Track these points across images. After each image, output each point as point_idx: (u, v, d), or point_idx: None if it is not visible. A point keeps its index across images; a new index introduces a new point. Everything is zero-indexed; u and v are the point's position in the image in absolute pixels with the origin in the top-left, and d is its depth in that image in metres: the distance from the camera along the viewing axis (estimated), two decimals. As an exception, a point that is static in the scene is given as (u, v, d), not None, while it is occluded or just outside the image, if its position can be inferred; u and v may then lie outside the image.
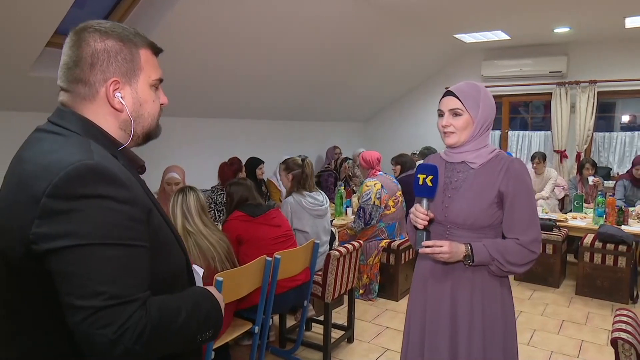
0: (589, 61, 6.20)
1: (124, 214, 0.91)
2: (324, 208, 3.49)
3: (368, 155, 4.20)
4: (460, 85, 1.69)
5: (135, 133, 1.07)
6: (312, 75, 5.40)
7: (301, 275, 2.93)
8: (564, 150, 6.38)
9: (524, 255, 1.62)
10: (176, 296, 1.00)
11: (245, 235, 2.79)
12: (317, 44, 4.77)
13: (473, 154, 1.69)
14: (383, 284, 4.24)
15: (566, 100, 6.27)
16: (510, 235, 1.65)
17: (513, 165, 1.65)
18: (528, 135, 6.85)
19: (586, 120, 6.18)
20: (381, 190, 4.03)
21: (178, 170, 3.63)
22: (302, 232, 3.36)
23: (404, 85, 7.24)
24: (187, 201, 2.47)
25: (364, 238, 4.11)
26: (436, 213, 1.71)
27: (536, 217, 1.66)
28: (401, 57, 6.09)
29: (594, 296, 4.27)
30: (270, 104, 5.56)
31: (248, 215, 2.85)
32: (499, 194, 1.64)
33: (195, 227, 2.44)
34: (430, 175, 1.63)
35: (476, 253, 1.63)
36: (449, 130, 1.68)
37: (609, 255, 4.18)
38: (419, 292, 1.81)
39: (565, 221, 4.74)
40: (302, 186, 3.42)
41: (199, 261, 2.37)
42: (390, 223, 4.14)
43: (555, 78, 6.34)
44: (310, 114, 6.50)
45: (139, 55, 1.05)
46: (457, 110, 1.66)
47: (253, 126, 5.75)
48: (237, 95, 4.97)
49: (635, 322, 1.71)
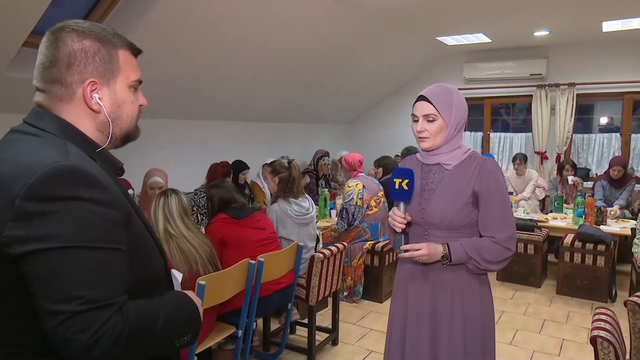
0: (568, 64, 6.32)
1: (101, 216, 0.90)
2: (310, 216, 3.47)
3: (350, 158, 4.24)
4: (432, 89, 1.71)
5: (113, 135, 1.06)
6: (296, 77, 5.40)
7: (285, 278, 2.92)
8: (545, 151, 6.49)
9: (500, 252, 1.66)
10: (155, 300, 0.99)
11: (229, 238, 2.77)
12: (301, 46, 4.78)
13: (447, 155, 1.72)
14: (367, 286, 4.25)
15: (546, 102, 6.39)
16: (486, 233, 1.68)
17: (486, 165, 1.68)
18: (509, 137, 6.95)
19: (566, 122, 6.30)
20: (363, 190, 4.06)
21: (161, 174, 3.58)
22: (288, 240, 3.34)
23: (387, 87, 7.29)
24: (169, 204, 2.45)
25: (348, 240, 4.12)
26: (414, 214, 1.74)
27: (510, 215, 1.69)
28: (385, 59, 6.13)
29: (574, 295, 4.35)
30: (254, 106, 5.54)
31: (232, 217, 2.83)
32: (473, 194, 1.67)
33: (178, 230, 2.42)
34: (406, 179, 1.65)
35: (453, 252, 1.66)
36: (424, 136, 1.70)
37: (589, 254, 4.26)
38: (400, 294, 1.83)
39: (546, 221, 4.81)
40: (289, 190, 3.37)
41: (181, 264, 2.35)
42: (372, 223, 4.16)
43: (536, 80, 6.45)
44: (293, 116, 6.50)
45: (118, 55, 1.04)
46: (431, 116, 1.68)
47: (236, 128, 5.73)
48: (220, 97, 4.95)
49: (614, 320, 1.75)
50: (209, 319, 2.49)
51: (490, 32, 5.61)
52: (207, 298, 2.24)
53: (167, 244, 2.38)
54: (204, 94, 4.74)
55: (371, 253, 4.20)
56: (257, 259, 2.63)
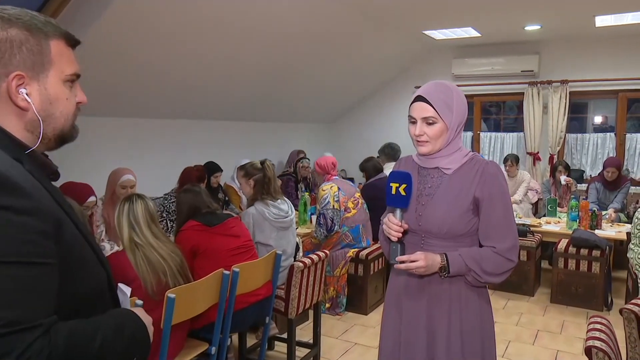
0: (560, 60, 6.46)
1: (24, 227, 0.85)
2: (289, 219, 3.48)
3: (322, 161, 4.28)
4: (430, 88, 1.69)
5: (45, 135, 1.02)
6: (273, 73, 5.40)
7: (262, 290, 2.91)
8: (537, 152, 6.61)
9: (501, 264, 1.66)
10: (92, 320, 0.95)
11: (200, 247, 2.75)
12: (277, 39, 4.78)
13: (447, 159, 1.71)
14: (351, 297, 4.26)
15: (538, 100, 6.51)
16: (487, 243, 1.68)
17: (488, 168, 1.68)
18: (500, 137, 7.06)
19: (559, 121, 6.43)
20: (338, 192, 4.11)
21: (131, 173, 3.55)
22: (265, 245, 3.34)
23: (370, 84, 7.33)
24: (135, 210, 2.41)
25: (329, 247, 4.13)
26: (410, 222, 1.72)
27: (513, 224, 1.70)
28: (368, 53, 6.17)
29: (568, 304, 4.43)
30: (227, 103, 5.51)
31: (204, 224, 2.81)
32: (474, 200, 1.67)
33: (144, 239, 2.39)
34: (404, 184, 1.63)
35: (452, 264, 1.65)
36: (423, 140, 1.68)
37: (583, 260, 4.35)
38: (392, 309, 1.82)
39: (539, 226, 4.90)
40: (266, 192, 3.39)
41: (149, 276, 2.32)
42: (353, 226, 4.19)
43: (527, 77, 6.57)
44: (270, 115, 6.49)
45: (49, 46, 1.00)
46: (430, 118, 1.66)
47: (208, 127, 5.69)
48: (190, 94, 4.91)
49: (609, 329, 1.78)
50: (179, 336, 2.47)
51: (480, 26, 5.70)
52: (177, 312, 2.22)
53: (132, 254, 2.35)
54: (171, 90, 4.70)
55: (355, 261, 4.21)
56: (232, 269, 2.61)
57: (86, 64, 1.32)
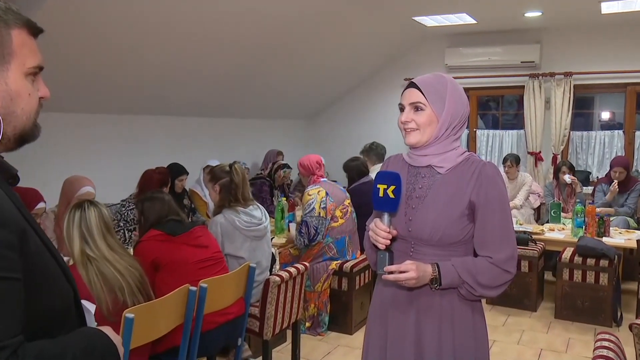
0: (563, 51, 6.57)
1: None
2: (263, 227, 3.46)
3: (306, 160, 4.25)
4: (424, 76, 1.75)
5: (4, 135, 1.01)
6: (245, 63, 5.39)
7: (233, 308, 2.90)
8: (539, 151, 6.71)
9: (497, 275, 1.68)
10: (61, 340, 0.97)
11: (163, 259, 2.74)
12: (249, 25, 4.77)
13: (439, 157, 1.73)
14: (334, 315, 4.26)
15: (540, 94, 6.61)
16: (482, 252, 1.70)
17: (485, 170, 1.70)
18: (499, 135, 7.16)
19: (562, 117, 6.53)
20: (326, 198, 4.08)
21: (90, 183, 3.49)
22: (237, 257, 3.32)
23: (355, 76, 7.37)
24: (87, 219, 2.38)
25: (309, 259, 4.13)
26: (398, 227, 1.74)
27: (511, 232, 1.72)
28: (351, 42, 6.19)
29: (574, 319, 4.51)
30: (194, 97, 5.48)
31: (166, 234, 2.80)
32: (469, 204, 1.69)
33: (98, 252, 2.36)
34: (392, 185, 1.64)
35: (444, 275, 1.67)
36: (410, 127, 1.72)
37: (590, 271, 4.43)
38: (377, 324, 1.83)
39: (542, 234, 4.97)
40: (233, 199, 3.37)
41: (103, 294, 2.30)
42: (338, 237, 4.19)
43: (528, 69, 6.67)
44: (242, 110, 6.47)
45: (11, 36, 1.00)
46: (418, 104, 1.70)
47: (172, 124, 5.65)
48: (148, 86, 4.87)
49: (618, 347, 1.82)
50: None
51: (475, 12, 5.77)
52: (136, 334, 2.19)
53: (84, 269, 2.32)
54: (129, 82, 4.66)
55: (338, 275, 4.22)
56: (199, 285, 2.59)
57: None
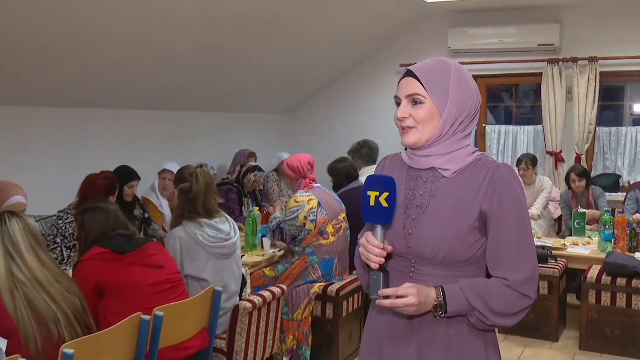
0: (587, 31, 6.61)
1: None
2: (231, 243, 3.45)
3: (295, 161, 4.23)
4: (424, 62, 1.74)
5: None
6: (210, 45, 5.37)
7: (195, 340, 2.90)
8: (560, 151, 6.75)
9: (514, 301, 1.68)
10: None
11: (108, 282, 2.73)
12: (213, 2, 4.77)
13: (444, 157, 1.73)
14: (317, 347, 4.25)
15: (560, 83, 6.66)
16: (496, 272, 1.70)
17: (499, 173, 1.70)
18: (512, 131, 7.21)
19: (587, 110, 6.58)
20: (317, 209, 4.06)
21: (21, 192, 3.46)
22: (199, 280, 3.31)
23: (342, 62, 7.37)
24: (11, 232, 2.34)
25: (288, 280, 4.11)
26: (395, 242, 1.73)
27: (531, 247, 1.72)
28: (336, 22, 6.20)
29: (602, 350, 4.55)
30: (149, 85, 5.46)
31: (113, 251, 2.79)
32: (481, 215, 1.69)
33: (28, 272, 2.32)
34: (385, 192, 1.63)
35: (450, 300, 1.66)
36: (407, 125, 1.71)
37: (620, 293, 4.48)
38: (371, 359, 1.83)
39: (563, 249, 5.02)
40: (194, 210, 3.37)
41: (32, 329, 2.25)
42: (326, 258, 4.18)
43: (546, 53, 6.72)
44: (207, 102, 6.45)
45: None
46: (416, 96, 1.69)
47: (117, 119, 5.60)
48: (97, 73, 4.84)
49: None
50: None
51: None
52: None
53: (10, 296, 2.27)
54: (72, 68, 4.63)
55: (322, 299, 4.21)
56: (153, 313, 2.59)
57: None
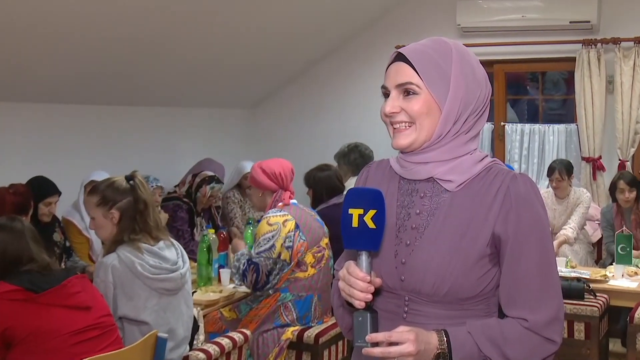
0: (633, 6, 6.72)
1: None
2: (179, 275, 3.43)
3: (276, 166, 4.21)
4: (417, 43, 1.75)
5: None
6: (155, 23, 5.37)
7: (132, 403, 2.88)
8: (599, 157, 6.80)
9: (535, 346, 1.69)
10: None
11: (18, 330, 2.72)
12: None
13: (446, 165, 1.74)
14: (290, 411, 4.25)
15: (599, 70, 6.72)
16: (512, 311, 1.71)
17: (516, 186, 1.70)
18: (539, 132, 7.25)
19: (632, 105, 6.63)
20: (294, 233, 4.07)
21: None
22: (137, 323, 3.30)
23: (322, 43, 7.42)
24: None
25: (254, 323, 4.11)
26: (385, 274, 1.74)
27: (555, 279, 1.74)
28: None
29: (654, 411, 4.58)
30: (73, 73, 5.45)
31: (25, 289, 2.77)
32: (493, 240, 1.70)
33: None
34: (372, 210, 1.63)
35: (456, 348, 1.67)
36: (397, 120, 1.72)
37: (677, 337, 4.52)
38: None
39: (605, 281, 5.05)
40: (140, 228, 3.34)
41: None
42: (302, 296, 4.19)
43: (580, 33, 6.78)
44: (148, 95, 6.44)
45: None
46: (408, 86, 1.70)
47: (34, 116, 5.60)
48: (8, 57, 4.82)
49: None
50: None
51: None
52: None
53: None
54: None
55: (296, 348, 4.22)
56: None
57: None
